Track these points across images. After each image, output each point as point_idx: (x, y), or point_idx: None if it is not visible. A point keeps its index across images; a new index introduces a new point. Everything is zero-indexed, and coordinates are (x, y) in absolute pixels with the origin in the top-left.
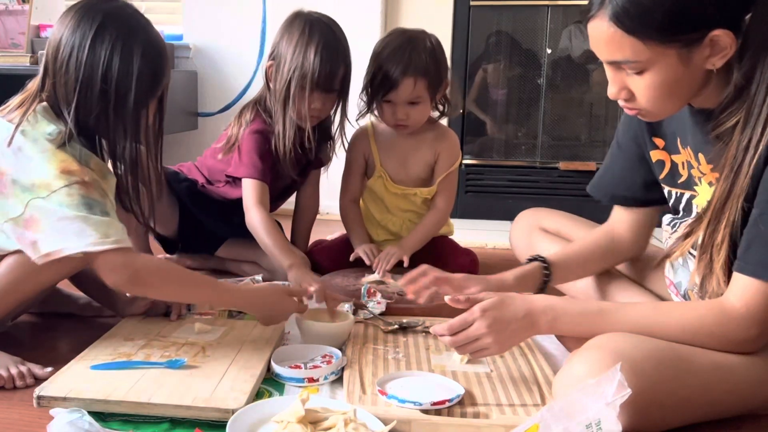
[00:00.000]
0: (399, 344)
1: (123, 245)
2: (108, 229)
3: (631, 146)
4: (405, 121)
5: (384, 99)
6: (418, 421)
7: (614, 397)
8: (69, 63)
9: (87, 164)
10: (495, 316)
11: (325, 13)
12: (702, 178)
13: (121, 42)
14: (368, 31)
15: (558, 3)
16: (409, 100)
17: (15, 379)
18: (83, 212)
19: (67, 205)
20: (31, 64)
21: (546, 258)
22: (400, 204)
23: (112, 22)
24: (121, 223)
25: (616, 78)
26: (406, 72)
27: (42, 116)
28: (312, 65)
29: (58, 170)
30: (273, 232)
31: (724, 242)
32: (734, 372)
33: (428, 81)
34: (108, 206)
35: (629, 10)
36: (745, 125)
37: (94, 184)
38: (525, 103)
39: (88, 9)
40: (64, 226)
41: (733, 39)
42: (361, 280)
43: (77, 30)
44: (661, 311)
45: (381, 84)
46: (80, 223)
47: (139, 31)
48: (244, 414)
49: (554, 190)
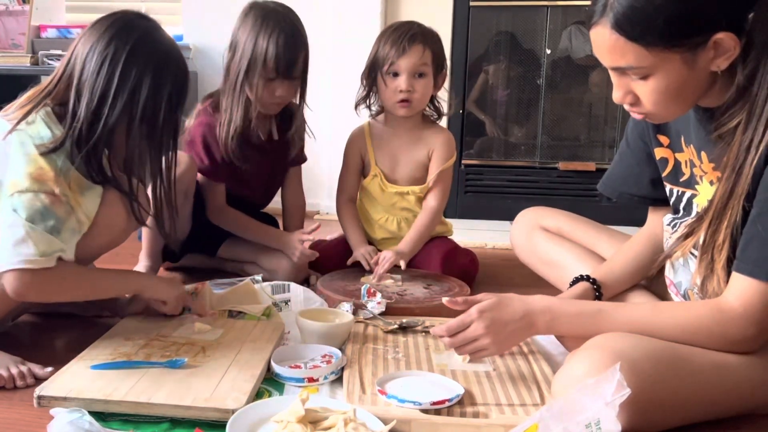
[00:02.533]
0: (399, 344)
1: (48, 265)
2: (48, 246)
3: (639, 144)
4: (410, 95)
5: (391, 69)
6: (418, 420)
7: (613, 397)
8: (97, 77)
9: (66, 177)
10: (493, 317)
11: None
12: (703, 177)
13: (152, 67)
14: (368, 31)
15: (558, 3)
16: (417, 68)
17: (15, 379)
18: (34, 223)
19: (23, 209)
20: (32, 64)
21: (595, 278)
22: (396, 203)
23: (145, 44)
24: (73, 237)
25: (621, 83)
26: (415, 39)
27: (41, 119)
28: (272, 52)
29: (30, 175)
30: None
31: (726, 243)
32: (733, 372)
33: (434, 54)
34: (65, 224)
35: (631, 17)
36: (747, 125)
37: (62, 199)
38: (524, 104)
39: (123, 28)
40: (11, 233)
41: (737, 40)
42: (360, 280)
43: (109, 47)
44: (660, 311)
45: (389, 53)
46: (26, 233)
47: (171, 54)
48: (244, 414)
49: (554, 190)
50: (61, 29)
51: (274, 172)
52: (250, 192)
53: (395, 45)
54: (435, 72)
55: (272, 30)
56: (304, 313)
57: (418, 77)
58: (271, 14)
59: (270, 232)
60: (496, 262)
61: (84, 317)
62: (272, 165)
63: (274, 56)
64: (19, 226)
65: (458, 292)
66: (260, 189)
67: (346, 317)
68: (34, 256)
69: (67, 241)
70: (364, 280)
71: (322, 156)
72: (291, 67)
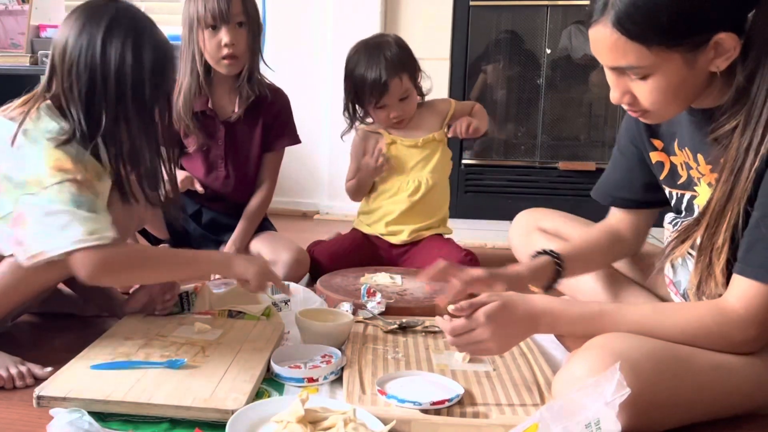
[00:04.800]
0: (399, 344)
1: (105, 242)
2: (94, 225)
3: (631, 149)
4: (401, 116)
5: (377, 106)
6: (418, 420)
7: (613, 397)
8: (79, 64)
9: (83, 164)
10: (498, 321)
11: None
12: (701, 179)
13: (131, 41)
14: (368, 31)
15: (558, 3)
16: (400, 97)
17: (15, 379)
18: (71, 207)
19: (57, 200)
20: (31, 64)
21: (557, 252)
22: (417, 157)
23: (119, 22)
24: (108, 216)
25: (619, 83)
26: (390, 74)
27: (45, 114)
28: (205, 4)
29: (51, 167)
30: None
31: (725, 246)
32: (733, 372)
33: (409, 73)
34: (98, 205)
35: (633, 16)
36: (745, 128)
37: (87, 183)
38: (524, 103)
39: (95, 10)
40: (50, 221)
41: (737, 41)
42: (360, 280)
43: (83, 31)
44: (661, 312)
45: (370, 94)
46: (67, 217)
47: (146, 29)
48: (244, 414)
49: (553, 190)
50: None
51: (245, 157)
52: (222, 184)
53: (374, 87)
54: (414, 83)
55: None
56: (303, 313)
57: (402, 101)
58: None
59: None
60: (496, 262)
61: (83, 317)
62: (239, 147)
63: (209, 3)
64: (60, 213)
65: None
66: (232, 178)
67: (346, 317)
68: (84, 235)
69: (106, 220)
70: (364, 281)
71: (322, 156)
72: (228, 11)
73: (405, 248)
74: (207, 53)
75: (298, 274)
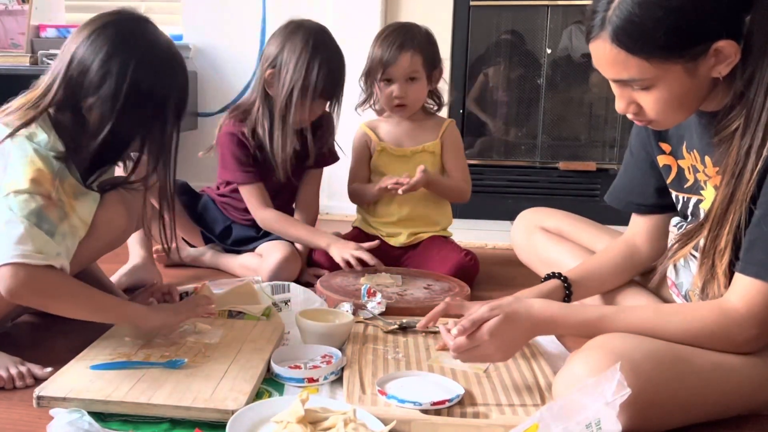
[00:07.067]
0: (399, 344)
1: (42, 263)
2: (45, 246)
3: (642, 153)
4: (403, 99)
5: (384, 77)
6: (418, 421)
7: (614, 397)
8: (83, 81)
9: (61, 182)
10: (503, 336)
11: (319, 22)
12: (708, 182)
13: (135, 59)
14: (368, 31)
15: (558, 3)
16: (407, 74)
17: (15, 379)
18: (32, 221)
19: (20, 209)
20: (31, 64)
21: (566, 276)
22: (407, 170)
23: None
24: (65, 245)
25: (623, 94)
26: (402, 47)
27: (38, 125)
28: (317, 78)
29: (29, 177)
30: (291, 224)
31: (728, 247)
32: (734, 372)
33: (424, 58)
34: (59, 229)
35: (630, 31)
36: (745, 130)
37: (57, 204)
38: (525, 103)
39: (105, 27)
40: (8, 230)
41: (737, 46)
42: (360, 280)
43: (90, 47)
44: (663, 314)
45: (380, 62)
46: (24, 230)
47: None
48: (244, 414)
49: (554, 190)
50: (60, 29)
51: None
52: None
53: (385, 54)
54: (428, 72)
55: (322, 57)
56: (304, 313)
57: (410, 81)
58: (318, 37)
59: (320, 235)
60: (496, 262)
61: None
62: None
63: (324, 83)
64: (18, 224)
65: (458, 292)
66: (284, 195)
67: (346, 317)
68: (31, 252)
69: (59, 245)
70: (364, 281)
71: None
72: (333, 90)
73: (405, 248)
74: (298, 115)
75: (287, 273)
